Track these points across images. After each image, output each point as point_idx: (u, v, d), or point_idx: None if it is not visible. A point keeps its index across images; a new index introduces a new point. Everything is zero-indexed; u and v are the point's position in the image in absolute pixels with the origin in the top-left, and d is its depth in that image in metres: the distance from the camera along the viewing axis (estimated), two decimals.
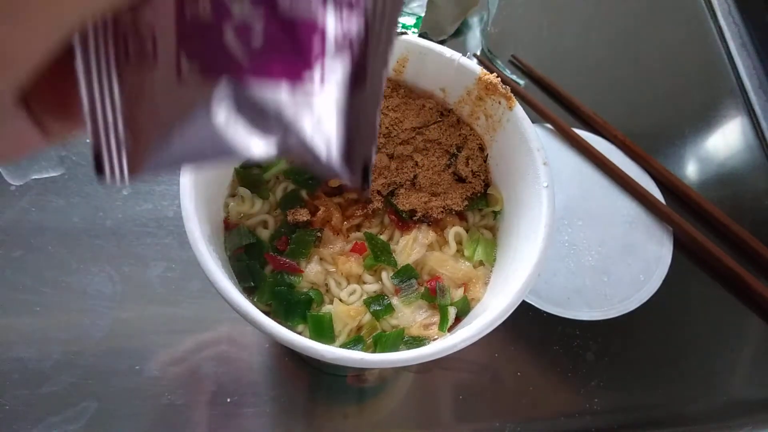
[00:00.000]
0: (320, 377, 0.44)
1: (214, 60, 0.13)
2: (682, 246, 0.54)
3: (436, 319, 0.38)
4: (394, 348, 0.37)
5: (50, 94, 0.14)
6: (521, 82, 0.62)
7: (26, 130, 0.15)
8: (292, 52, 0.14)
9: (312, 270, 0.39)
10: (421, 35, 0.54)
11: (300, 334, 0.33)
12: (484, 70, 0.39)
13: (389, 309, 0.38)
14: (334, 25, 0.14)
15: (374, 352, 0.37)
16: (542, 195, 0.35)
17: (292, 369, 0.44)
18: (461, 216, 0.42)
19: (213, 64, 0.13)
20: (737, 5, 0.71)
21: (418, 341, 0.37)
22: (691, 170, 0.60)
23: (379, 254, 0.39)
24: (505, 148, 0.40)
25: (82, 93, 0.13)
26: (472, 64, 0.39)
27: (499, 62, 0.63)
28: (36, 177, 0.49)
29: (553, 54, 0.65)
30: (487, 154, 0.42)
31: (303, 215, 0.40)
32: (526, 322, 0.49)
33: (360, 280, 0.40)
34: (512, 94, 0.38)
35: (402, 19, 0.60)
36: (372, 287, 0.39)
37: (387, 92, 0.42)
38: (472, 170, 0.42)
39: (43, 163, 0.49)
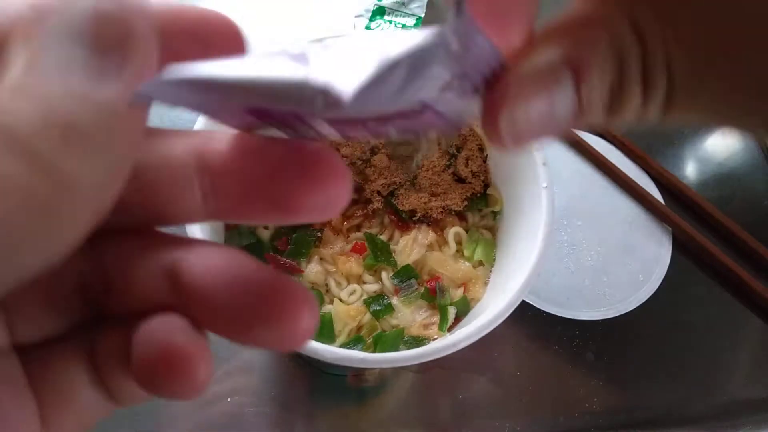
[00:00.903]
0: (320, 377, 0.44)
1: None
2: (681, 246, 0.54)
3: (436, 319, 0.39)
4: (394, 348, 0.37)
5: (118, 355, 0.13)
6: None
7: (95, 402, 0.14)
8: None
9: (312, 270, 0.39)
10: None
11: None
12: None
13: (389, 309, 0.38)
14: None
15: (374, 351, 0.37)
16: (541, 195, 0.35)
17: (292, 369, 0.44)
18: (461, 216, 0.42)
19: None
20: None
21: (417, 341, 0.37)
22: (690, 170, 0.60)
23: (379, 254, 0.39)
24: None
25: None
26: None
27: None
28: None
29: None
30: (487, 155, 0.42)
31: None
32: (526, 321, 0.49)
33: (360, 280, 0.40)
34: None
35: (401, 20, 0.60)
36: (372, 287, 0.39)
37: None
38: (471, 170, 0.42)
39: None
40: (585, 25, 0.13)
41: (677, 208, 0.56)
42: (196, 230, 0.31)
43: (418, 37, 0.11)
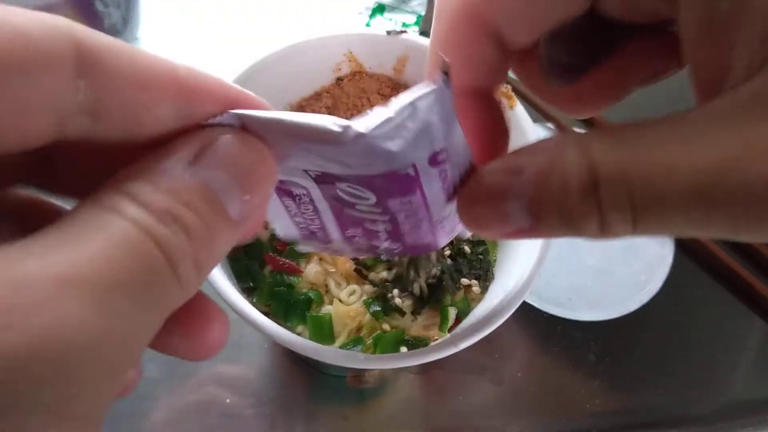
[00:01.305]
0: (320, 378, 0.44)
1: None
2: (683, 246, 0.54)
3: (437, 319, 0.38)
4: (394, 349, 0.37)
5: None
6: None
7: None
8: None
9: (311, 270, 0.38)
10: (421, 33, 0.54)
11: (299, 334, 0.33)
12: None
13: None
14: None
15: (374, 352, 0.37)
16: None
17: (291, 370, 0.44)
18: None
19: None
20: None
21: (418, 342, 0.37)
22: None
23: None
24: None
25: None
26: None
27: None
28: None
29: None
30: None
31: None
32: (527, 322, 0.48)
33: (360, 281, 0.39)
34: (513, 93, 0.38)
35: (402, 17, 0.60)
36: (372, 288, 0.39)
37: (387, 92, 0.42)
38: None
39: None
40: (541, 147, 0.14)
41: None
42: None
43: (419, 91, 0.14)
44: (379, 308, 0.38)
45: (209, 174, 0.13)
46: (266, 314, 0.31)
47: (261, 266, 0.38)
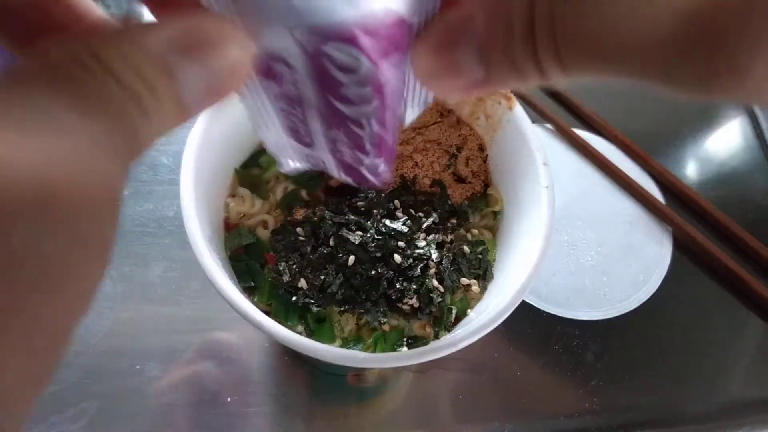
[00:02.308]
0: (320, 377, 0.44)
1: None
2: (681, 246, 0.54)
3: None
4: (393, 348, 0.37)
5: None
6: None
7: None
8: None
9: None
10: None
11: (300, 333, 0.33)
12: None
13: None
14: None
15: (374, 351, 0.37)
16: (542, 195, 0.35)
17: (292, 368, 0.44)
18: (461, 216, 0.42)
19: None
20: None
21: (417, 341, 0.37)
22: (690, 170, 0.60)
23: None
24: (505, 148, 0.40)
25: None
26: None
27: None
28: None
29: None
30: (487, 155, 0.42)
31: (303, 215, 0.40)
32: (526, 322, 0.49)
33: None
34: (512, 94, 0.38)
35: None
36: None
37: None
38: (471, 170, 0.42)
39: None
40: None
41: (678, 208, 0.56)
42: (195, 229, 0.31)
43: None
44: None
45: (183, 65, 0.13)
46: (267, 314, 0.31)
47: (262, 266, 0.38)
